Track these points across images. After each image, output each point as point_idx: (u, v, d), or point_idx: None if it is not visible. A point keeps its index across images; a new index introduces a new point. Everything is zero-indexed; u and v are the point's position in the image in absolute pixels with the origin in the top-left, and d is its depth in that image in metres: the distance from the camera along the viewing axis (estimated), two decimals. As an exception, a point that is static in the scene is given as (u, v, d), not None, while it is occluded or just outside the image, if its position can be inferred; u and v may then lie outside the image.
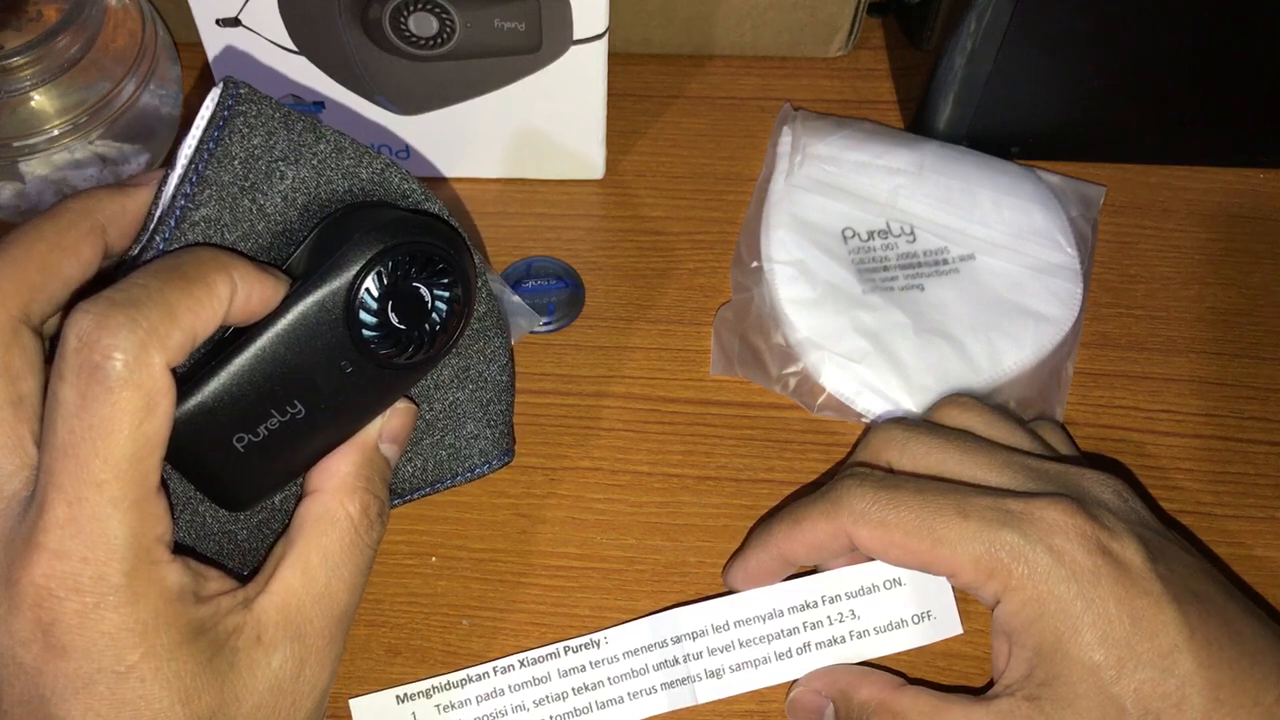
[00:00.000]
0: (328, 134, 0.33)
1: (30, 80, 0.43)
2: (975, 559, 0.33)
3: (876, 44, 0.55)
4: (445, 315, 0.34)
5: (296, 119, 0.33)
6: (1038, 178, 0.48)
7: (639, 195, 0.50)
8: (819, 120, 0.49)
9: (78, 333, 0.28)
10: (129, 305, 0.28)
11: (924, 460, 0.37)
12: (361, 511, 0.33)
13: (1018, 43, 0.46)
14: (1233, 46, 0.46)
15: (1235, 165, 0.51)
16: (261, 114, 0.32)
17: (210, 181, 0.32)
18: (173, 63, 0.48)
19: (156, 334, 0.28)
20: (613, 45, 0.44)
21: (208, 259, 0.30)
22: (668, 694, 0.37)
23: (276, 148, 0.32)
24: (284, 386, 0.32)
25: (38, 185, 0.45)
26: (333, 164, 0.33)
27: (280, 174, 0.33)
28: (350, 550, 0.33)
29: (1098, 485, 0.36)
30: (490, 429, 0.39)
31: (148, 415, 0.28)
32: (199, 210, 0.32)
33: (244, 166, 0.32)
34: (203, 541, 0.34)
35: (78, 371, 0.27)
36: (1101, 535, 0.33)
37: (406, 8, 0.42)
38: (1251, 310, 0.47)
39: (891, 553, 0.35)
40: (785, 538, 0.37)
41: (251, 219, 0.33)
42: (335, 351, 0.32)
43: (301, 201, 0.33)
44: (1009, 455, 0.37)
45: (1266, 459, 0.43)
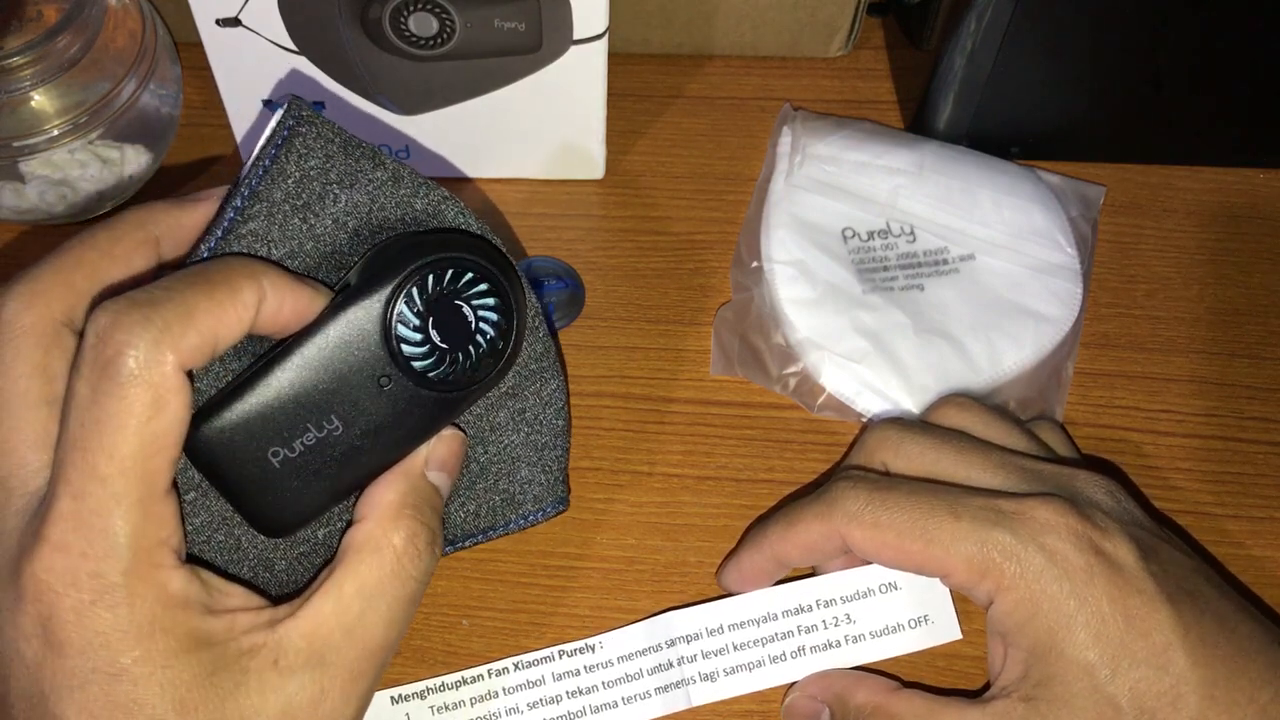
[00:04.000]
0: (387, 163, 0.33)
1: (30, 80, 0.43)
2: (968, 559, 0.33)
3: (876, 44, 0.55)
4: (491, 339, 0.33)
5: (356, 146, 0.33)
6: (1038, 178, 0.48)
7: (639, 195, 0.50)
8: (819, 120, 0.49)
9: (95, 329, 0.28)
10: (146, 304, 0.28)
11: (918, 460, 0.37)
12: (407, 540, 0.32)
13: (1018, 43, 0.46)
14: (1233, 46, 0.46)
15: (1235, 165, 0.51)
16: (322, 136, 0.33)
17: (262, 197, 0.32)
18: (173, 63, 0.48)
19: (171, 333, 0.28)
20: (613, 45, 0.44)
21: (238, 266, 0.30)
22: (662, 698, 0.37)
23: (333, 171, 0.33)
24: (320, 400, 0.31)
25: (38, 185, 0.45)
26: (388, 192, 0.33)
27: (334, 197, 0.33)
28: (390, 581, 0.32)
29: (1091, 485, 0.36)
30: (545, 474, 0.38)
31: (156, 413, 0.28)
32: (247, 224, 0.32)
33: (297, 186, 0.32)
34: (236, 565, 0.33)
35: (91, 366, 0.28)
36: (1094, 534, 0.33)
37: (406, 8, 0.42)
38: (1252, 310, 0.47)
39: (885, 554, 0.35)
40: (779, 539, 0.37)
41: (300, 238, 0.33)
42: (373, 366, 0.32)
43: (353, 226, 0.33)
44: (1004, 456, 0.37)
45: (1266, 459, 0.43)
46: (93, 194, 0.46)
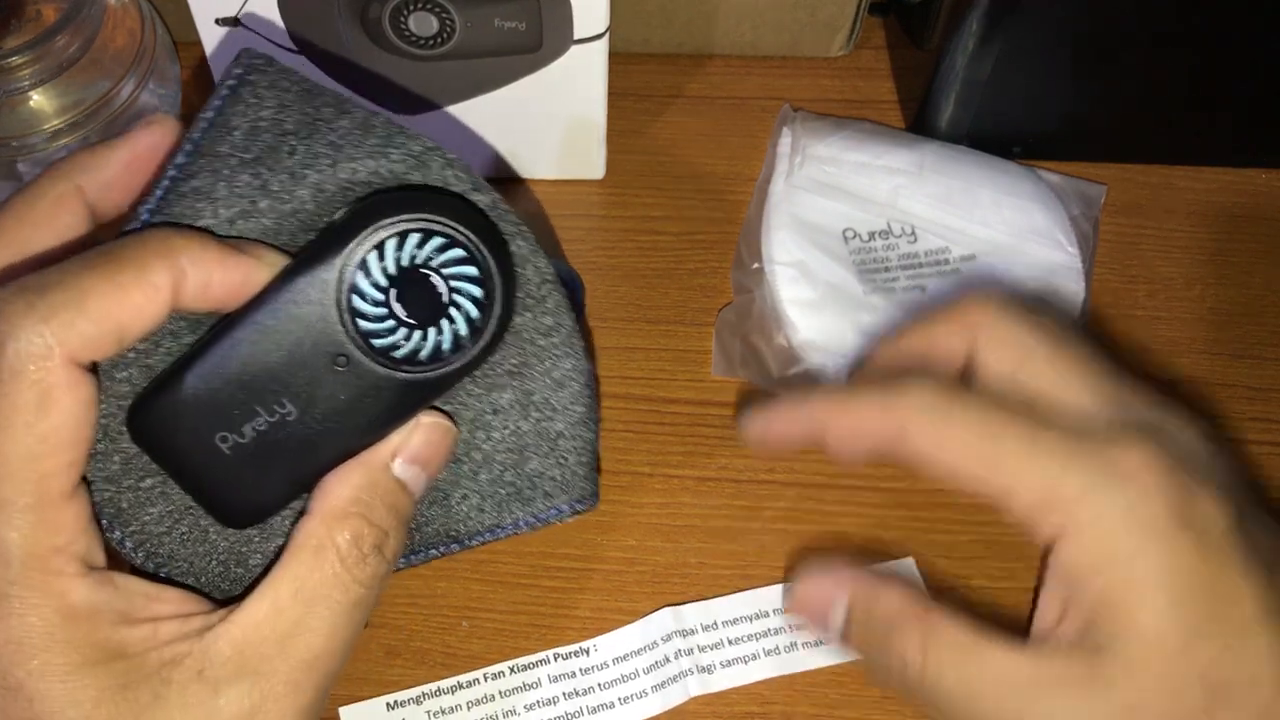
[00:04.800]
0: (354, 110, 0.30)
1: (29, 79, 0.43)
2: (1037, 490, 0.30)
3: (877, 44, 0.55)
4: (468, 314, 0.29)
5: (320, 94, 0.30)
6: (1039, 177, 0.48)
7: (639, 195, 0.50)
8: (819, 121, 0.49)
9: None
10: (34, 291, 0.25)
11: (1011, 344, 0.33)
12: (351, 542, 0.29)
13: (1019, 42, 0.46)
14: (1234, 45, 0.46)
15: (1237, 165, 0.51)
16: (275, 85, 0.30)
17: (205, 151, 0.29)
18: (172, 62, 0.48)
19: (58, 322, 0.25)
20: (613, 45, 0.44)
21: (151, 242, 0.27)
22: (659, 695, 0.37)
23: (288, 120, 0.29)
24: (269, 381, 0.28)
25: (36, 185, 0.45)
26: (354, 141, 0.29)
27: (290, 148, 0.29)
28: (331, 585, 0.29)
29: (1186, 428, 0.32)
30: (560, 468, 0.34)
31: (43, 412, 0.25)
32: (189, 181, 0.29)
33: (245, 138, 0.29)
34: (204, 557, 0.31)
35: None
36: (1183, 490, 0.29)
37: (406, 7, 0.42)
38: (1253, 311, 0.47)
39: (944, 459, 0.31)
40: (831, 406, 0.33)
41: (252, 194, 0.29)
42: (327, 343, 0.28)
43: (314, 180, 0.29)
44: (1100, 369, 0.33)
45: (1268, 459, 0.43)
46: (92, 194, 0.46)
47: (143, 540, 0.29)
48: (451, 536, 0.34)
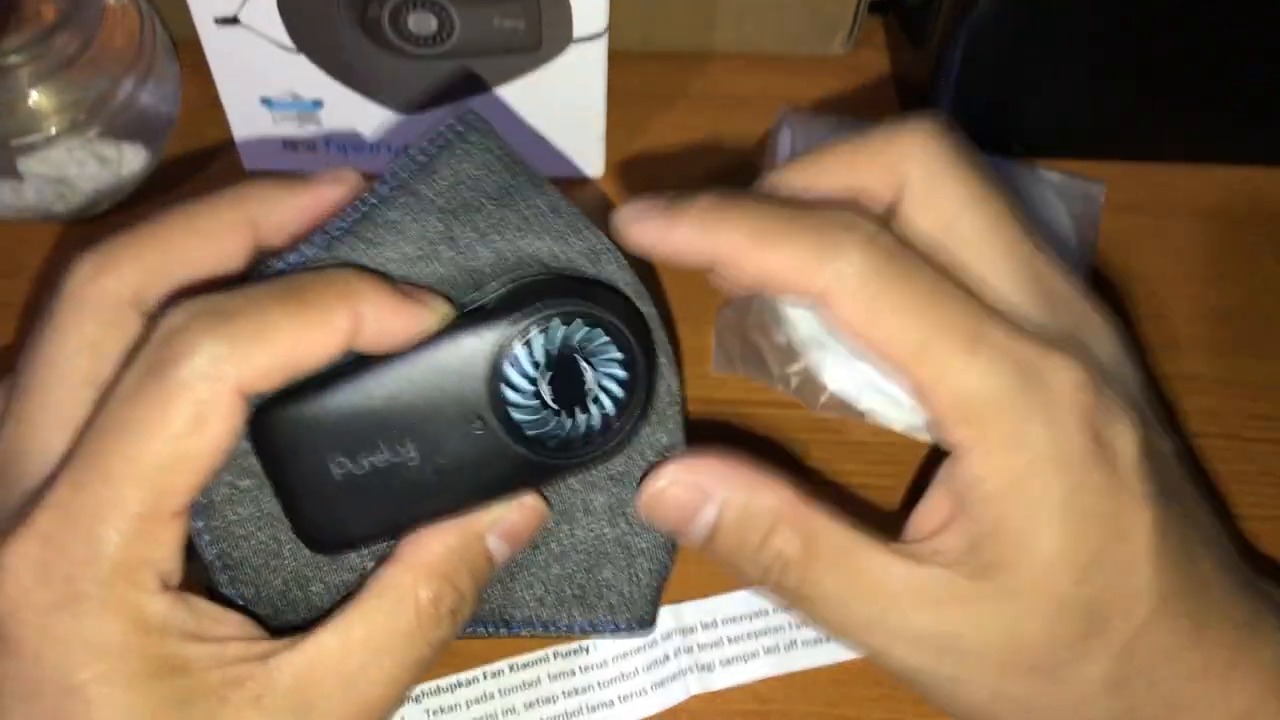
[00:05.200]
0: (549, 192, 0.31)
1: (28, 78, 0.43)
2: (962, 394, 0.28)
3: (877, 43, 0.55)
4: (606, 412, 0.30)
5: (522, 168, 0.31)
6: (1039, 175, 0.48)
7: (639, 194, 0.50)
8: (818, 120, 0.49)
9: (164, 325, 0.26)
10: (223, 314, 0.26)
11: (943, 195, 0.30)
12: (432, 601, 0.29)
13: (1019, 41, 0.46)
14: (1236, 43, 0.46)
15: (1238, 163, 0.51)
16: (486, 148, 0.31)
17: (408, 189, 0.30)
18: (171, 61, 0.48)
19: (241, 352, 0.26)
20: (613, 44, 0.44)
21: (336, 284, 0.28)
22: (659, 693, 0.37)
23: (488, 183, 0.30)
24: (404, 421, 0.29)
25: (35, 183, 0.45)
26: (543, 222, 0.30)
27: (484, 210, 0.30)
28: (404, 639, 0.29)
29: (1106, 335, 0.30)
30: (632, 584, 0.33)
31: (193, 431, 0.26)
32: (386, 213, 0.30)
33: (449, 188, 0.30)
34: (270, 571, 0.30)
35: (146, 362, 0.26)
36: (1102, 414, 0.28)
37: (405, 6, 0.42)
38: (1254, 309, 0.47)
39: (869, 335, 0.28)
40: (745, 237, 0.29)
41: (436, 240, 0.30)
42: (470, 403, 0.29)
43: (497, 244, 0.30)
44: (1029, 243, 0.30)
45: (1268, 458, 0.43)
46: (90, 192, 0.46)
47: (221, 537, 0.29)
48: (504, 619, 0.34)
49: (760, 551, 0.30)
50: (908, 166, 0.30)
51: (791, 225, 0.28)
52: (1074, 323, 0.30)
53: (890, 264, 0.28)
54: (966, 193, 0.30)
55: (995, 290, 0.29)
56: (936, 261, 0.29)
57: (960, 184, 0.30)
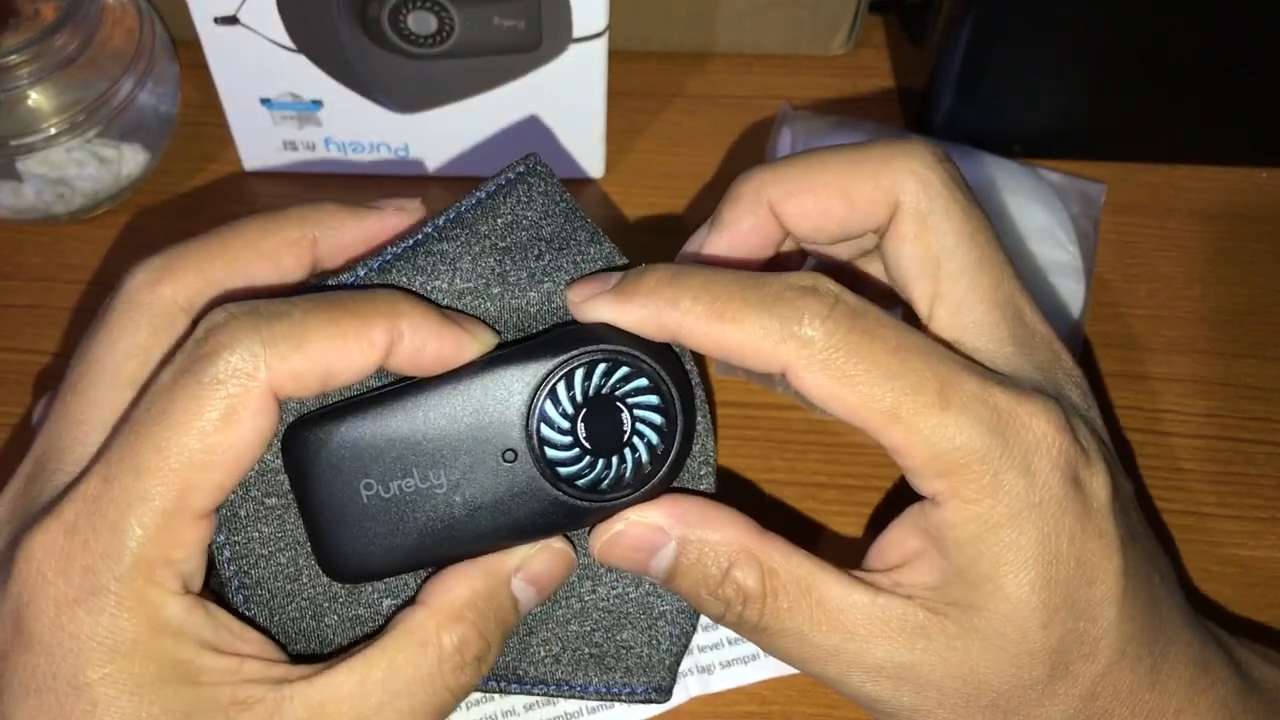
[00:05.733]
0: (604, 243, 0.31)
1: (27, 78, 0.43)
2: (936, 454, 0.27)
3: (877, 42, 0.55)
4: (639, 457, 0.29)
5: (579, 216, 0.31)
6: (1039, 176, 0.48)
7: (639, 194, 0.50)
8: (818, 119, 0.49)
9: (205, 323, 0.27)
10: (263, 315, 0.26)
11: (934, 229, 0.29)
12: (456, 648, 0.28)
13: (1019, 40, 0.46)
14: (1236, 44, 0.46)
15: (1238, 164, 0.51)
16: (547, 194, 0.31)
17: (466, 224, 0.30)
18: (170, 61, 0.48)
19: (275, 351, 0.26)
20: (613, 43, 0.44)
21: (380, 301, 0.28)
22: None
23: (544, 228, 0.31)
24: (437, 449, 0.28)
25: (35, 184, 0.45)
26: (595, 270, 0.31)
27: (538, 253, 0.30)
28: (424, 683, 0.28)
29: (1076, 375, 0.31)
30: (651, 648, 0.32)
31: (224, 426, 0.26)
32: (440, 244, 0.30)
33: (506, 227, 0.30)
34: (287, 596, 0.30)
35: (184, 357, 0.26)
36: (1079, 460, 0.28)
37: (405, 5, 0.42)
38: (1254, 310, 0.47)
39: (835, 409, 0.28)
40: (695, 316, 0.28)
41: (489, 278, 0.30)
42: (503, 436, 0.28)
43: (547, 288, 0.30)
44: (1019, 291, 0.30)
45: (1269, 459, 0.43)
46: (90, 193, 0.46)
47: (242, 554, 0.29)
48: (516, 675, 0.32)
49: (721, 586, 0.29)
50: (903, 192, 0.30)
51: (748, 298, 0.27)
52: (1050, 361, 0.30)
53: (853, 330, 0.27)
54: (958, 228, 0.29)
55: (976, 326, 0.29)
56: (919, 289, 0.30)
57: (953, 219, 0.30)
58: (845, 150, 0.31)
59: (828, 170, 0.30)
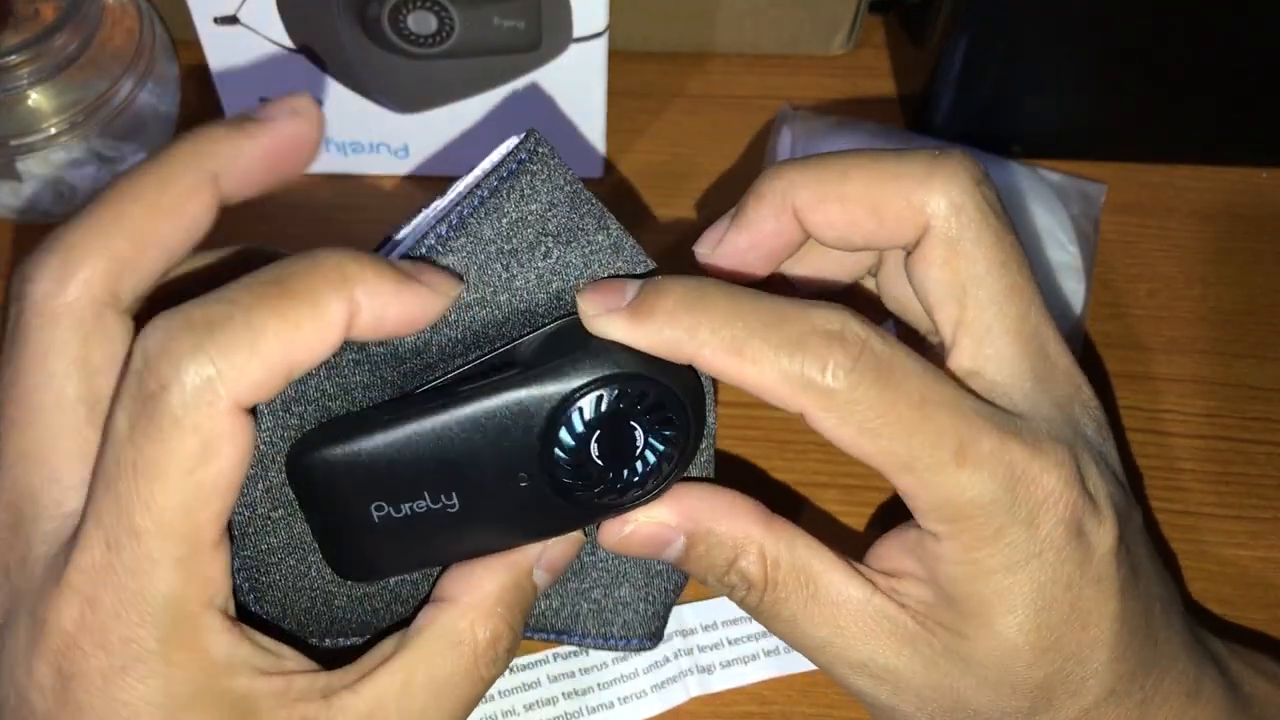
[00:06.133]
0: (611, 227, 0.29)
1: (27, 78, 0.43)
2: (944, 501, 0.27)
3: (878, 42, 0.55)
4: (650, 468, 0.29)
5: (584, 201, 0.29)
6: (1039, 176, 0.48)
7: (639, 194, 0.50)
8: (818, 119, 0.49)
9: (143, 349, 0.24)
10: (205, 327, 0.24)
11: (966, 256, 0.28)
12: (490, 642, 0.28)
13: (1019, 41, 0.46)
14: (1235, 44, 0.46)
15: (1238, 164, 0.51)
16: (551, 181, 0.29)
17: (470, 230, 0.28)
18: (170, 61, 0.48)
19: (231, 367, 0.23)
20: (613, 43, 0.44)
21: (324, 271, 0.25)
22: (659, 695, 0.37)
23: (552, 222, 0.29)
24: (448, 473, 0.28)
25: (35, 184, 0.45)
26: (604, 260, 0.29)
27: (546, 250, 0.29)
28: (463, 680, 0.28)
29: (1094, 406, 0.30)
30: (646, 603, 0.33)
31: (203, 462, 0.24)
32: (445, 257, 0.28)
33: (511, 228, 0.28)
34: (297, 592, 0.29)
35: (133, 397, 0.24)
36: (1085, 511, 0.28)
37: (405, 6, 0.42)
38: (1254, 310, 0.47)
39: (850, 452, 0.27)
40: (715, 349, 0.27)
41: (495, 286, 0.28)
42: (517, 458, 0.28)
43: (556, 287, 0.29)
44: (1044, 321, 0.29)
45: (1269, 459, 0.43)
46: (90, 192, 0.46)
47: (250, 564, 0.29)
48: None
49: (727, 574, 0.30)
50: (935, 215, 0.28)
51: (770, 338, 0.26)
52: (1068, 396, 0.29)
53: (876, 382, 0.26)
54: (989, 255, 0.28)
55: (999, 358, 0.29)
56: (943, 314, 0.29)
57: (984, 246, 0.28)
58: (880, 160, 0.29)
59: (859, 180, 0.29)
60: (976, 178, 0.29)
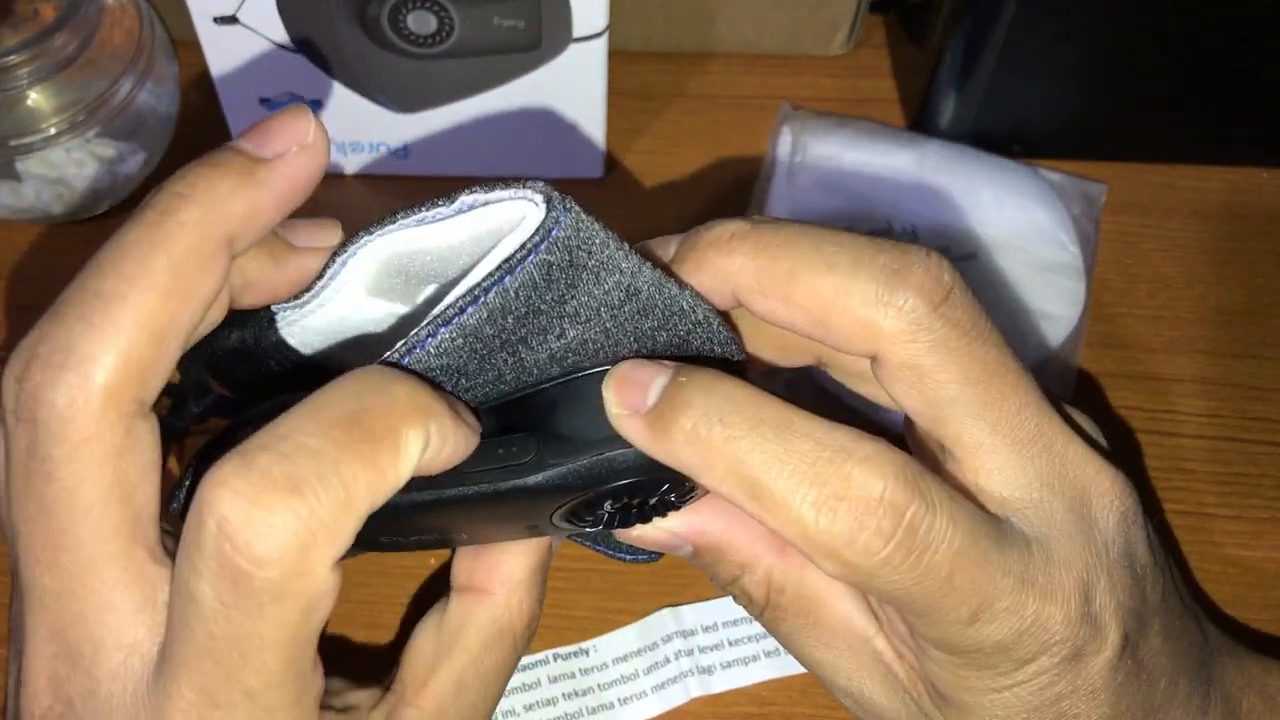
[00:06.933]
0: (644, 294, 0.25)
1: (26, 78, 0.43)
2: (948, 646, 0.27)
3: (878, 42, 0.54)
4: (660, 515, 0.28)
5: (612, 269, 0.25)
6: (1040, 176, 0.48)
7: (639, 195, 0.50)
8: (819, 119, 0.49)
9: (218, 519, 0.21)
10: (291, 489, 0.21)
11: (929, 382, 0.26)
12: (527, 624, 0.29)
13: (1020, 40, 0.46)
14: (1236, 44, 0.46)
15: (1239, 164, 0.51)
16: (574, 262, 0.25)
17: (470, 331, 0.24)
18: (170, 61, 0.48)
19: (326, 531, 0.21)
20: (613, 43, 0.44)
21: (403, 401, 0.23)
22: (659, 696, 0.37)
23: (570, 303, 0.25)
24: (463, 525, 0.28)
25: (34, 184, 0.45)
26: (628, 328, 0.26)
27: (560, 332, 0.25)
28: (506, 665, 0.29)
29: (1115, 492, 0.28)
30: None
31: (306, 620, 0.22)
32: (438, 359, 0.25)
33: (518, 323, 0.25)
34: None
35: (218, 573, 0.21)
36: (1085, 638, 0.26)
37: (405, 5, 0.42)
38: (1255, 310, 0.47)
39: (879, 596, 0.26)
40: (731, 488, 0.25)
41: (500, 369, 0.26)
42: (531, 518, 0.27)
43: (572, 363, 0.26)
44: (1042, 419, 0.27)
45: (1270, 460, 0.43)
46: (89, 193, 0.46)
47: None
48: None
49: (730, 587, 0.30)
50: (890, 337, 0.25)
51: (798, 489, 0.24)
52: (1083, 489, 0.28)
53: (908, 556, 0.24)
54: (961, 377, 0.26)
55: (1000, 472, 0.27)
56: (930, 432, 0.27)
57: (952, 369, 0.26)
58: (833, 265, 0.26)
59: (806, 287, 0.26)
60: (937, 297, 0.26)
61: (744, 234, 0.27)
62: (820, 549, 0.24)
